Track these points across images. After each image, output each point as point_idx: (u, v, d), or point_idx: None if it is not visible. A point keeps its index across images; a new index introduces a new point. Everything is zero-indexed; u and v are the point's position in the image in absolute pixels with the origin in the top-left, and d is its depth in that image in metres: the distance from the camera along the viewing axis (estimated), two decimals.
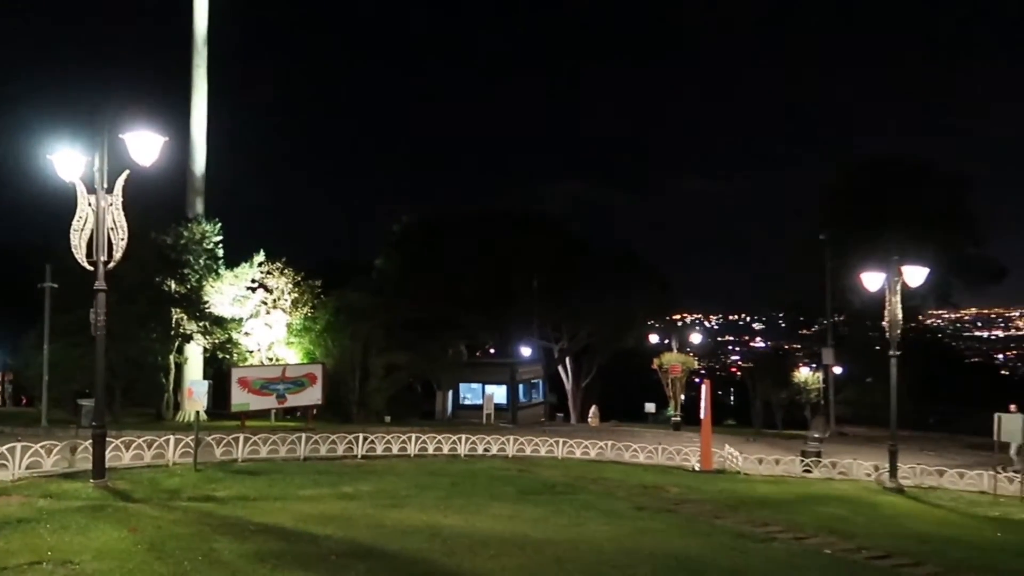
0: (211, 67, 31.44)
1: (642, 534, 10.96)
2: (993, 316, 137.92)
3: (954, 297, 40.04)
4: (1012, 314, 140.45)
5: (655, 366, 36.54)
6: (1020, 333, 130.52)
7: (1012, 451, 21.51)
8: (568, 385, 48.13)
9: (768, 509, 14.01)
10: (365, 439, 19.03)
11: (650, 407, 40.22)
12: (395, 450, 19.33)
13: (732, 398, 63.21)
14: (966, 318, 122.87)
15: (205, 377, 27.65)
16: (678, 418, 34.85)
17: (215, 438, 17.20)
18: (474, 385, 40.31)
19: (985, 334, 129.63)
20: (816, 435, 23.22)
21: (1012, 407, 21.40)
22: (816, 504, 14.93)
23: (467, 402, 40.17)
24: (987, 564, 10.50)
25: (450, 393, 39.97)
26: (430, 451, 19.71)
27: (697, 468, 19.54)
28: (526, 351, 45.11)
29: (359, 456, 18.43)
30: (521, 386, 40.92)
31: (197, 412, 16.42)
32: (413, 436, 20.01)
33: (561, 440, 21.48)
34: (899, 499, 16.67)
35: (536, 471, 17.49)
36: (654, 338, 48.88)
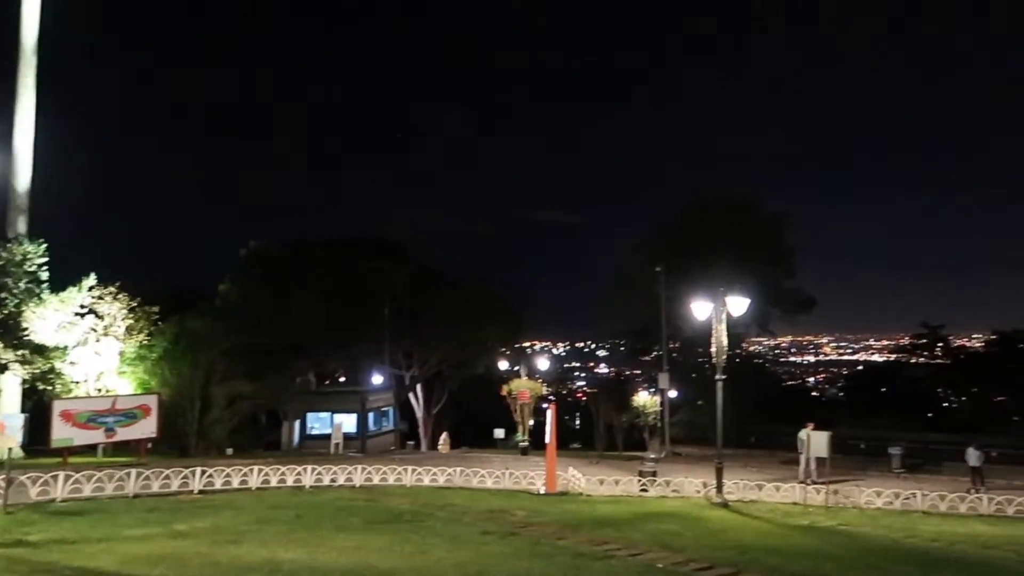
0: (50, 78, 29.25)
1: (487, 558, 11.21)
2: (805, 343, 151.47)
3: (772, 325, 43.76)
4: (820, 340, 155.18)
5: (504, 392, 37.21)
6: (828, 358, 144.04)
7: (802, 464, 23.63)
8: (419, 413, 47.96)
9: (607, 528, 14.68)
10: (203, 472, 18.12)
11: (499, 433, 40.83)
12: (236, 483, 18.54)
13: (578, 422, 65.21)
14: (783, 345, 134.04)
15: (24, 410, 25.32)
16: (526, 443, 35.61)
17: (31, 476, 15.79)
18: (322, 414, 39.32)
19: (799, 359, 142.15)
20: (652, 455, 24.58)
21: (810, 425, 23.69)
22: (651, 521, 15.81)
23: (315, 432, 39.06)
24: (799, 569, 11.58)
25: (297, 423, 38.74)
26: (273, 483, 19.05)
27: (542, 491, 20.11)
28: (377, 379, 44.57)
29: (195, 491, 17.52)
30: (371, 414, 40.35)
31: (9, 449, 15.03)
32: (255, 468, 19.27)
33: (410, 468, 21.44)
34: (725, 513, 17.95)
35: (384, 500, 17.36)
36: (504, 365, 49.80)
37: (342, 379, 49.68)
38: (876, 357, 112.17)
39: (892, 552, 13.61)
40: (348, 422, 38.24)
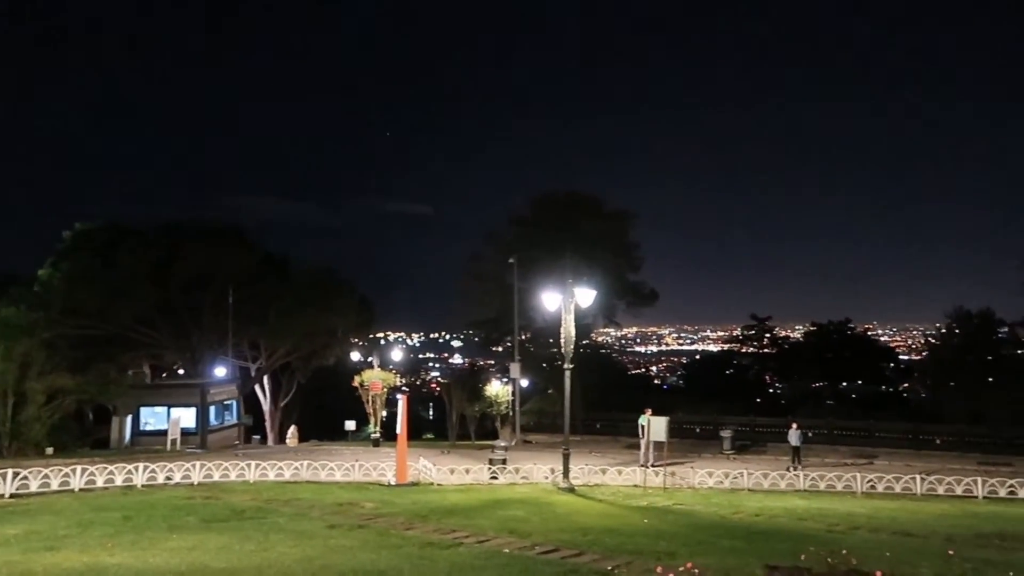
0: None
1: (333, 552, 10.95)
2: (649, 334, 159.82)
3: (618, 317, 45.65)
4: (663, 331, 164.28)
5: (356, 384, 36.54)
6: (670, 348, 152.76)
7: (643, 449, 24.87)
8: (266, 405, 46.17)
9: (456, 517, 14.77)
10: (15, 475, 16.53)
11: (351, 425, 40.06)
12: (55, 485, 17.06)
13: (431, 413, 65.23)
14: (629, 335, 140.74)
15: None
16: (378, 435, 35.17)
17: None
18: (158, 409, 36.92)
19: (643, 349, 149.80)
20: (503, 444, 24.96)
21: (648, 411, 24.98)
22: (499, 508, 16.06)
23: (149, 427, 36.62)
24: (636, 547, 12.15)
25: (129, 419, 36.11)
26: (100, 484, 17.70)
27: (393, 482, 19.93)
28: (220, 371, 42.41)
29: (6, 495, 15.95)
30: (212, 408, 38.33)
31: None
32: (79, 468, 17.82)
33: (254, 463, 20.58)
34: (571, 497, 18.56)
35: (224, 497, 16.56)
36: (356, 356, 48.87)
37: (181, 371, 46.87)
38: (712, 347, 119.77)
39: (720, 527, 14.59)
40: (187, 417, 36.15)
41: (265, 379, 45.83)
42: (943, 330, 45.22)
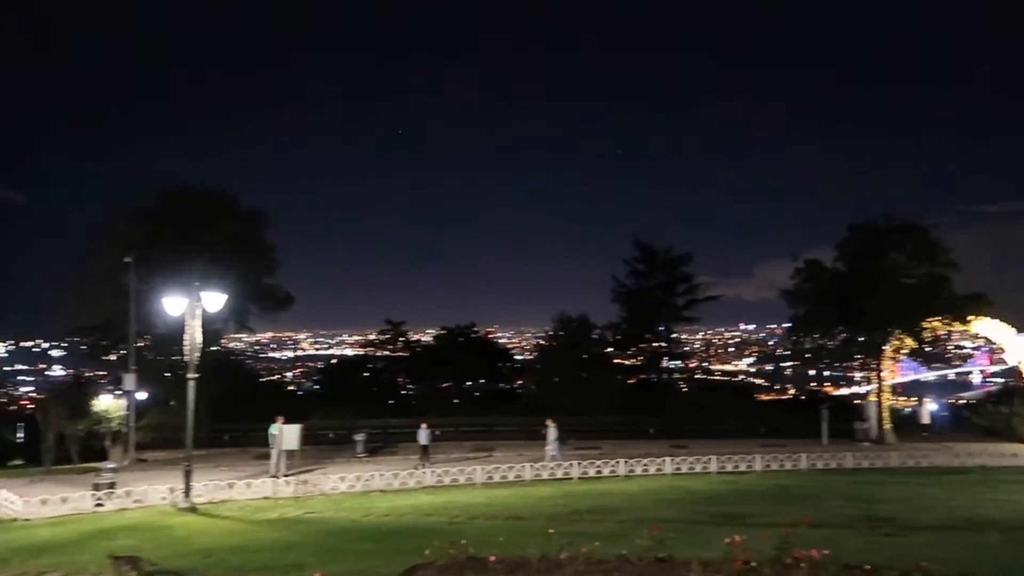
0: None
1: None
2: (285, 339, 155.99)
3: (251, 322, 43.56)
4: (300, 336, 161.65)
5: None
6: (306, 353, 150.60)
7: (273, 459, 24.09)
8: None
9: (49, 555, 12.73)
10: None
11: None
12: None
13: (22, 435, 55.51)
14: (263, 341, 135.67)
15: None
16: None
17: None
18: None
19: (279, 355, 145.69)
20: (112, 465, 22.21)
21: (280, 419, 24.38)
22: (104, 539, 14.21)
23: None
24: (263, 563, 11.62)
25: None
26: None
27: None
28: None
29: None
30: None
31: None
32: None
33: None
34: (192, 518, 17.17)
35: None
36: None
37: None
38: (349, 351, 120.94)
39: (351, 531, 14.71)
40: None
41: None
42: (550, 332, 51.38)
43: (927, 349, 39.97)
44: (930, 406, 43.63)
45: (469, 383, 54.33)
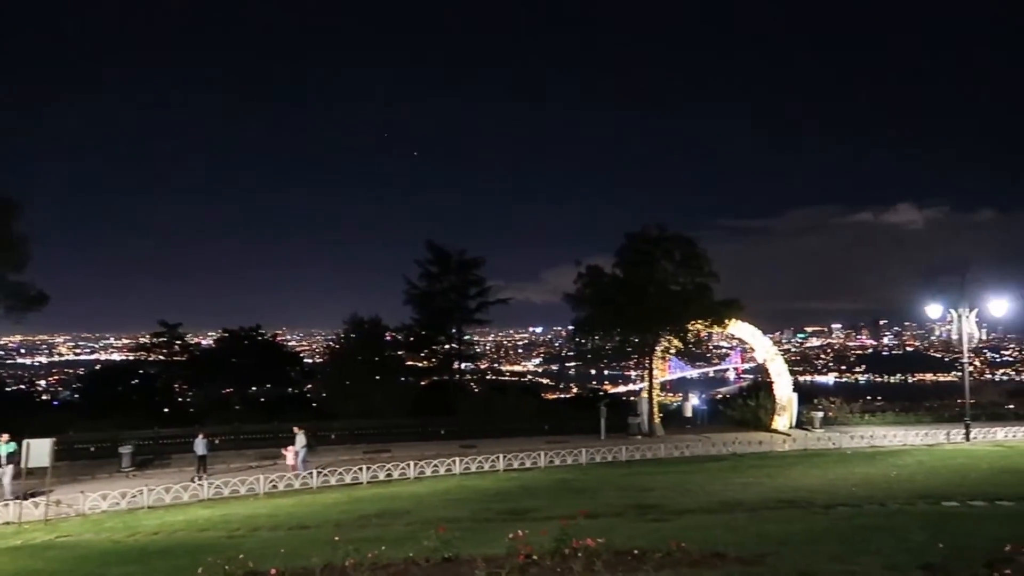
0: None
1: None
2: (38, 342, 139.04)
3: None
4: (56, 340, 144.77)
5: None
6: (64, 358, 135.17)
7: (6, 482, 21.33)
8: None
9: None
10: None
11: None
12: None
13: None
14: (11, 345, 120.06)
15: None
16: None
17: None
18: None
19: (29, 361, 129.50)
20: None
21: (5, 436, 21.60)
22: None
23: None
24: None
25: None
26: None
27: None
28: None
29: None
30: None
31: None
32: None
33: None
34: None
35: None
36: None
37: None
38: (117, 356, 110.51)
39: (112, 554, 13.35)
40: None
41: None
42: (341, 335, 50.17)
43: (692, 349, 43.89)
44: (692, 401, 48.05)
45: (254, 388, 51.64)
